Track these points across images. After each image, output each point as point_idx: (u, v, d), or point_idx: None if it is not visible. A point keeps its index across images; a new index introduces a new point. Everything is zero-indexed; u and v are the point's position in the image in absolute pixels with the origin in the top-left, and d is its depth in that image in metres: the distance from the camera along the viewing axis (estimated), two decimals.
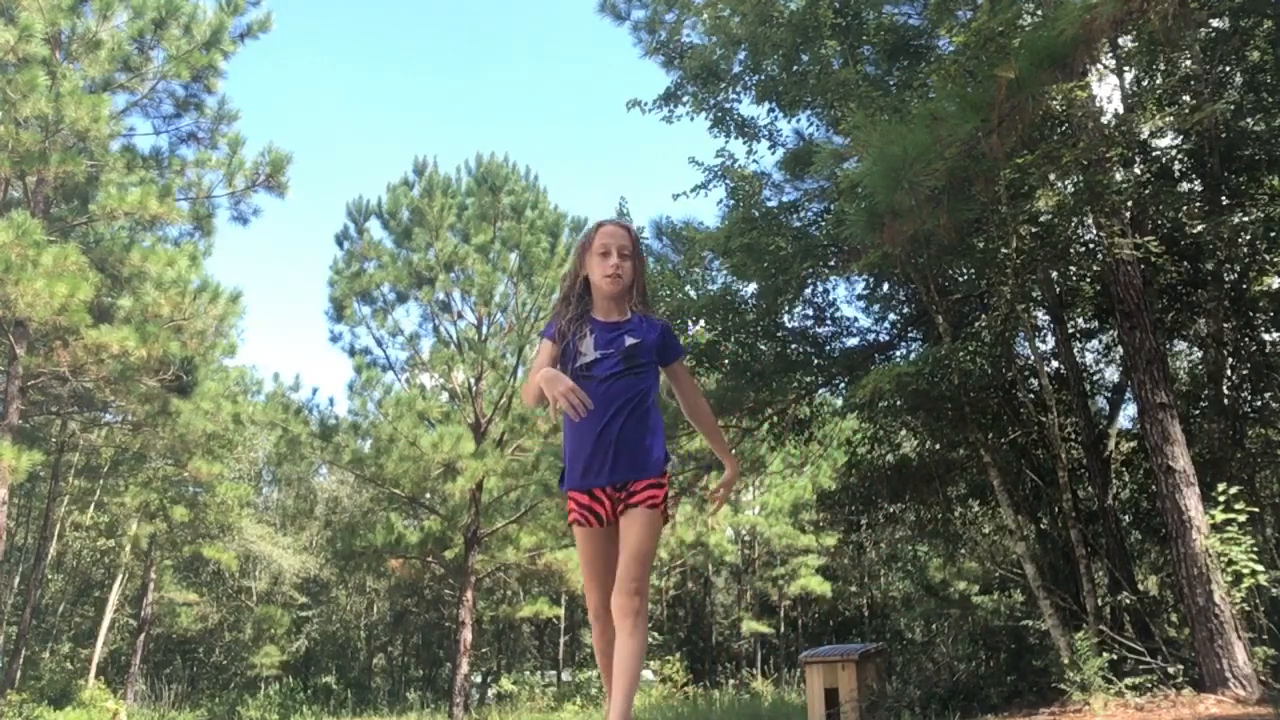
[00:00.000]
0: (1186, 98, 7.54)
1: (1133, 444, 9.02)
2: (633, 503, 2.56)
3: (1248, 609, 6.37)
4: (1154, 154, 8.26)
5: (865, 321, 10.18)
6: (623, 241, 2.73)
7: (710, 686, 18.84)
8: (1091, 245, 7.90)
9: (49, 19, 11.15)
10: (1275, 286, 8.50)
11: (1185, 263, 8.28)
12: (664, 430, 2.73)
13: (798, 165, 8.56)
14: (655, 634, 25.40)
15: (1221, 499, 6.41)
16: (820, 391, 9.82)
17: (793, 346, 9.26)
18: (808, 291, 9.13)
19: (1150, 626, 7.19)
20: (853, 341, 9.61)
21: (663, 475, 2.63)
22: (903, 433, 10.31)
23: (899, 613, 20.30)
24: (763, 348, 9.12)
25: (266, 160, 13.23)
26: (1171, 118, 7.39)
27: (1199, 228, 7.60)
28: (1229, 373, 8.77)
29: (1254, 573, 6.18)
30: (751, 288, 8.77)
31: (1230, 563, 6.26)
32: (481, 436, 15.93)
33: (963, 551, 11.41)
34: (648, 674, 19.21)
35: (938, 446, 9.27)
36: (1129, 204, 7.33)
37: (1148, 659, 6.64)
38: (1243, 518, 6.38)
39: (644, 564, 2.50)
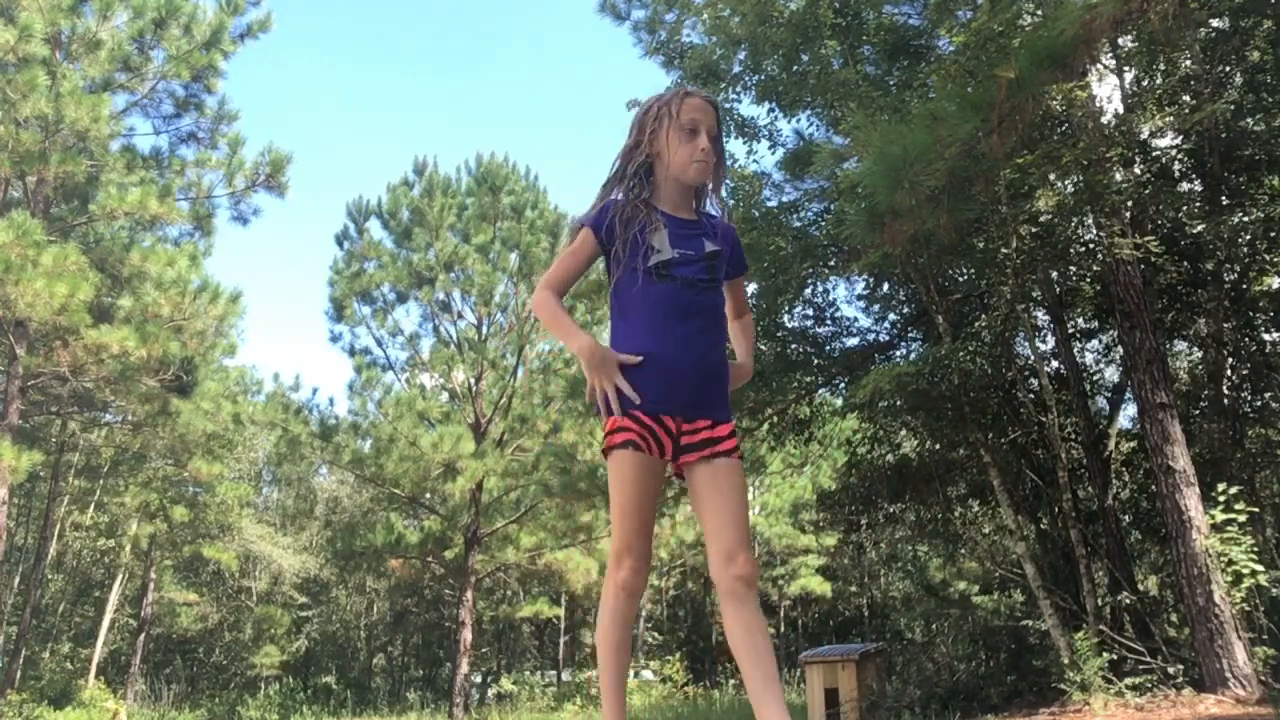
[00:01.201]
0: (1186, 98, 7.54)
1: (1133, 444, 9.02)
2: (722, 450, 2.08)
3: (1248, 609, 6.37)
4: (1154, 154, 8.25)
5: (865, 321, 10.19)
6: (712, 120, 2.22)
7: (710, 686, 18.84)
8: (1091, 245, 7.90)
9: (49, 19, 11.16)
10: (1275, 286, 8.49)
11: (1185, 263, 8.27)
12: None
13: (798, 165, 8.56)
14: (655, 634, 25.42)
15: (1221, 499, 6.41)
16: (820, 391, 9.82)
17: (793, 346, 9.26)
18: (808, 291, 9.13)
19: (1150, 626, 7.19)
20: (853, 341, 9.62)
21: None
22: (903, 433, 10.31)
23: (899, 613, 20.31)
24: (763, 348, 9.12)
25: (266, 160, 13.23)
26: (1171, 118, 7.39)
27: (1199, 228, 7.60)
28: (1229, 373, 8.77)
29: (1254, 573, 6.17)
30: (751, 288, 8.77)
31: (1230, 563, 6.26)
32: (481, 436, 15.93)
33: (963, 551, 11.41)
34: (647, 674, 19.22)
35: (938, 446, 9.27)
36: (1129, 204, 7.33)
37: (1148, 659, 6.64)
38: (1243, 518, 6.37)
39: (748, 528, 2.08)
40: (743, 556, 2.02)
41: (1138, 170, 8.06)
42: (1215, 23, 7.72)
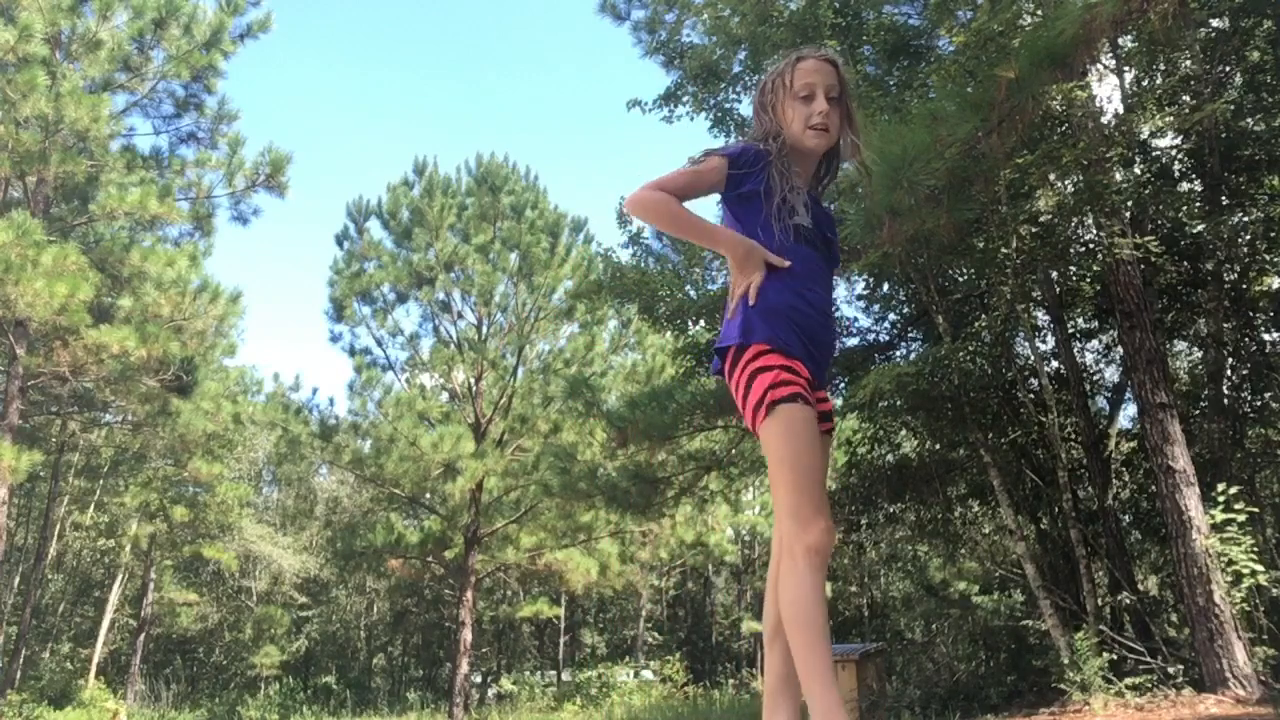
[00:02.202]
0: (1186, 98, 7.54)
1: (1133, 444, 9.02)
2: (829, 428, 2.00)
3: (1248, 609, 6.37)
4: (1154, 154, 8.26)
5: (865, 321, 10.20)
6: (831, 79, 2.04)
7: (710, 686, 18.83)
8: (1091, 245, 7.90)
9: (49, 19, 11.15)
10: (1275, 286, 8.50)
11: (1185, 263, 8.28)
12: None
13: None
14: (655, 634, 25.42)
15: (1221, 499, 6.41)
16: None
17: None
18: None
19: (1150, 626, 7.19)
20: (853, 341, 9.62)
21: None
22: (903, 433, 10.32)
23: (899, 613, 20.29)
24: None
25: (266, 160, 13.23)
26: (1171, 118, 7.39)
27: (1199, 228, 7.61)
28: (1229, 373, 8.77)
29: (1254, 573, 6.17)
30: None
31: (1230, 563, 6.26)
32: (481, 436, 15.93)
33: (963, 551, 11.41)
34: (647, 674, 19.22)
35: (938, 446, 9.27)
36: (1129, 204, 7.33)
37: (1148, 659, 6.64)
38: (1243, 518, 6.37)
39: None
40: (830, 527, 1.84)
41: (1138, 170, 8.07)
42: (1215, 23, 7.73)
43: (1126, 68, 8.00)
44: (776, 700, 1.90)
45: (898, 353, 9.49)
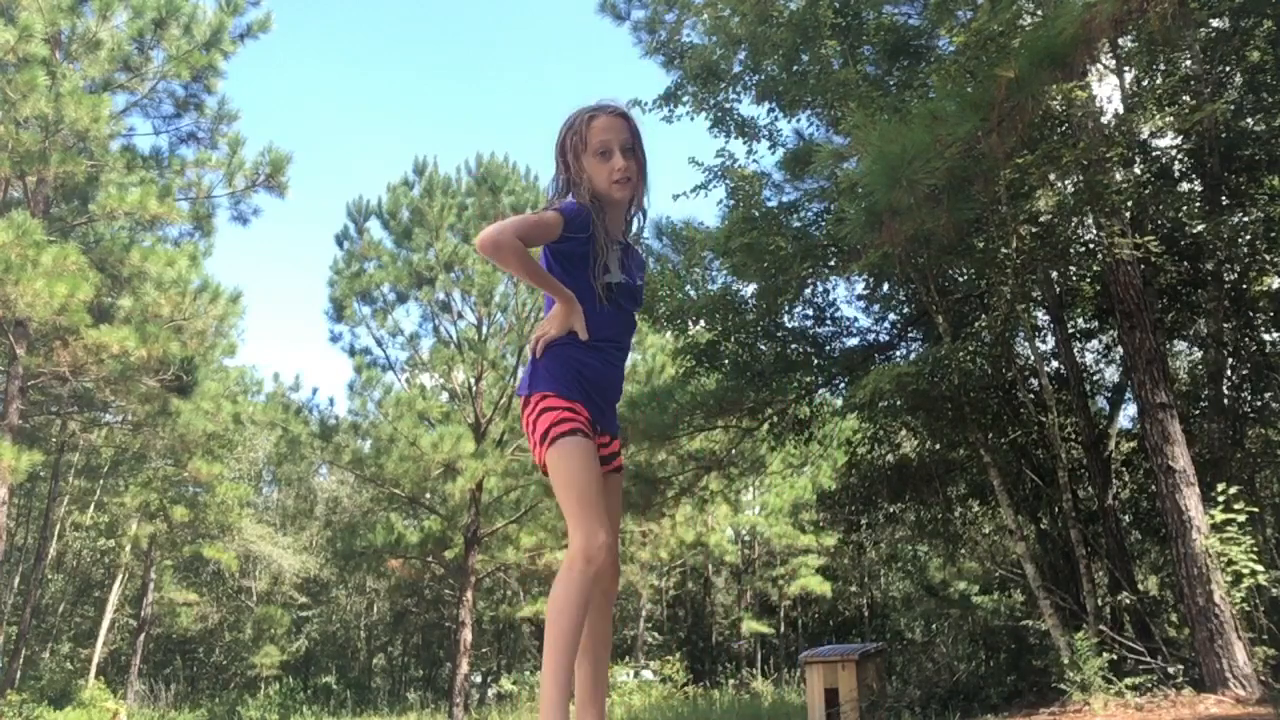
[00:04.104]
0: (1186, 98, 7.54)
1: (1133, 444, 9.02)
2: (617, 467, 2.26)
3: (1248, 609, 6.37)
4: (1154, 154, 8.25)
5: (865, 321, 10.18)
6: (624, 134, 2.22)
7: (710, 686, 18.82)
8: (1091, 245, 7.90)
9: (49, 19, 11.15)
10: (1275, 286, 8.50)
11: (1185, 263, 8.28)
12: None
13: (798, 165, 8.56)
14: (655, 634, 25.42)
15: (1221, 499, 6.41)
16: (820, 391, 9.82)
17: (793, 346, 9.26)
18: (808, 291, 9.13)
19: (1150, 626, 7.19)
20: (853, 341, 9.62)
21: None
22: (903, 433, 10.32)
23: (899, 613, 20.31)
24: (763, 348, 9.13)
25: (266, 160, 13.23)
26: (1171, 118, 7.38)
27: (1199, 228, 7.60)
28: (1229, 373, 8.78)
29: (1254, 573, 6.18)
30: (751, 288, 8.77)
31: (1230, 563, 6.26)
32: (481, 436, 15.92)
33: (963, 551, 11.42)
34: (647, 674, 19.21)
35: (938, 446, 9.27)
36: (1129, 204, 7.33)
37: (1148, 659, 6.64)
38: (1243, 518, 6.38)
39: None
40: (617, 575, 2.17)
41: (1138, 170, 8.07)
42: (1215, 23, 7.73)
43: (1126, 68, 7.99)
44: (585, 706, 2.14)
45: (898, 353, 9.49)
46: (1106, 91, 14.88)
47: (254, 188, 13.36)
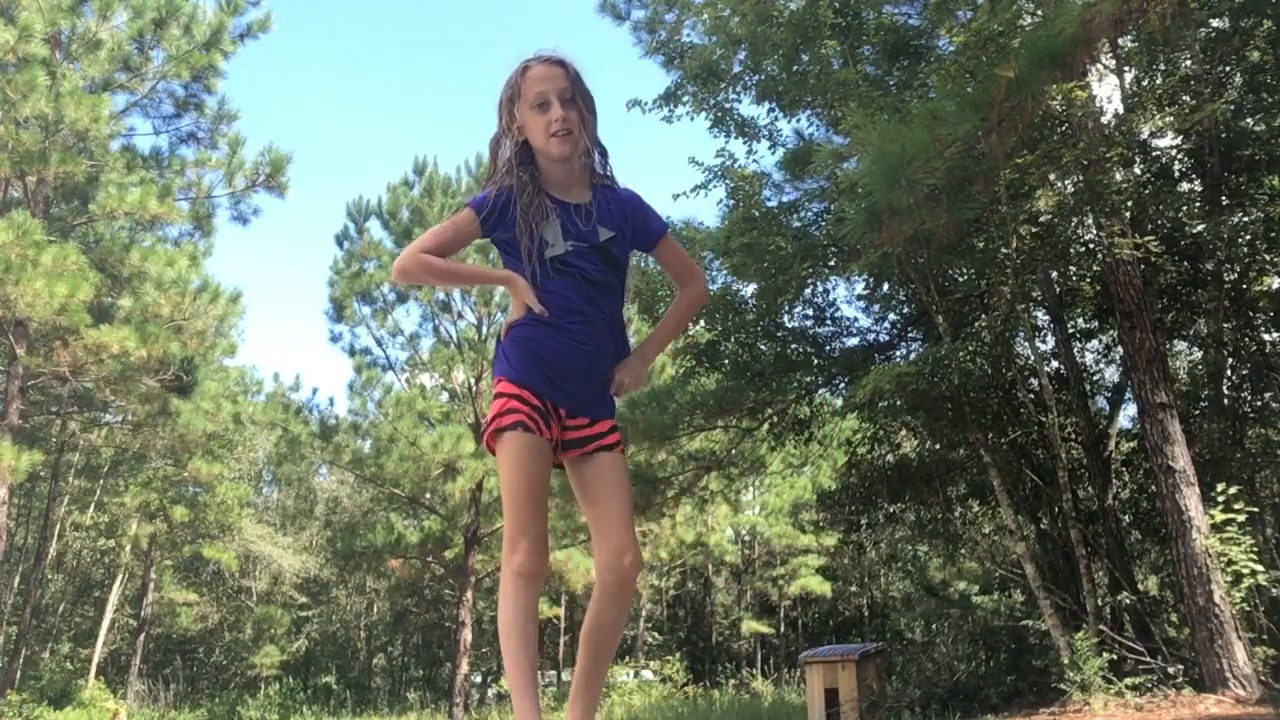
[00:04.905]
0: (1186, 98, 7.54)
1: (1133, 444, 9.02)
2: (607, 444, 2.06)
3: (1248, 609, 6.37)
4: (1154, 154, 8.26)
5: (865, 321, 10.18)
6: (561, 82, 2.05)
7: (710, 686, 18.83)
8: (1091, 245, 7.90)
9: (49, 19, 11.15)
10: (1275, 286, 8.50)
11: (1185, 263, 8.28)
12: None
13: (798, 165, 8.57)
14: (655, 634, 25.41)
15: (1221, 499, 6.41)
16: (820, 391, 9.82)
17: (793, 346, 9.27)
18: (808, 291, 9.14)
19: (1150, 626, 7.19)
20: (853, 341, 9.62)
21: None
22: (903, 433, 10.32)
23: (899, 613, 20.31)
24: (763, 348, 9.13)
25: (266, 160, 13.23)
26: (1171, 118, 7.39)
27: (1199, 228, 7.61)
28: (1229, 373, 8.78)
29: (1254, 573, 6.18)
30: (751, 288, 8.77)
31: (1230, 563, 6.27)
32: (481, 436, 15.92)
33: (963, 551, 11.42)
34: (647, 674, 19.21)
35: (938, 446, 9.27)
36: (1129, 204, 7.33)
37: (1148, 659, 6.64)
38: (1242, 518, 6.38)
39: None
40: (631, 556, 1.99)
41: (1138, 170, 8.07)
42: (1215, 23, 7.73)
43: (1126, 68, 7.99)
44: (577, 696, 2.09)
45: (898, 353, 9.49)
46: (1106, 91, 14.89)
47: (254, 188, 13.36)
